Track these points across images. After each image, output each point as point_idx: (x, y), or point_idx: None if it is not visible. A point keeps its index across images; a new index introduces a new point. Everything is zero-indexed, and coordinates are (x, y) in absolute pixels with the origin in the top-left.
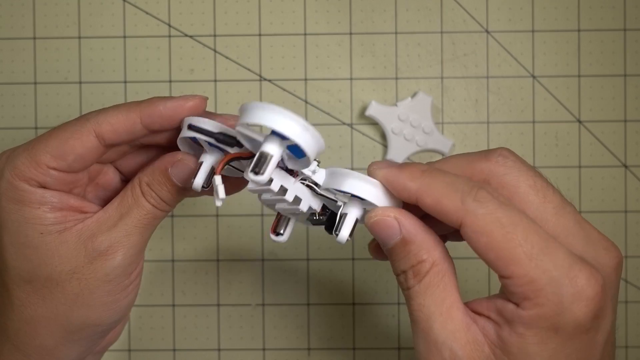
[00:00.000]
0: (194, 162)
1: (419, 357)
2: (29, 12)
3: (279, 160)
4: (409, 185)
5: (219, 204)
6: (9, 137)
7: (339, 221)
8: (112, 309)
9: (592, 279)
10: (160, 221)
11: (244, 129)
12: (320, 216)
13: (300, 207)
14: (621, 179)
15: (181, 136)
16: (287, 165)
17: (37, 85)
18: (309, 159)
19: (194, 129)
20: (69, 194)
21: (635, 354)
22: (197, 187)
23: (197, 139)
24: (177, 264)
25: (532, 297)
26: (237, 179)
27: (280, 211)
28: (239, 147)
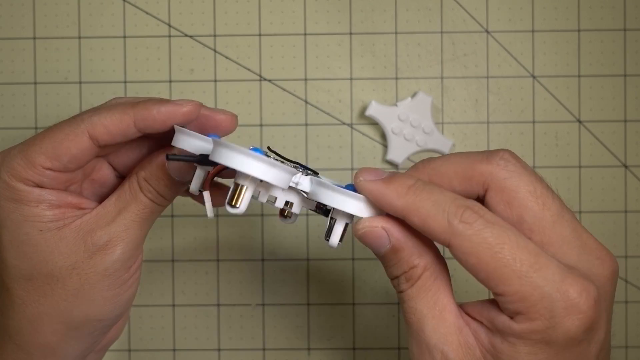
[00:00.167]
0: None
1: (413, 358)
2: (29, 12)
3: (253, 190)
4: (395, 203)
5: (211, 216)
6: (9, 137)
7: (329, 226)
8: (113, 303)
9: (585, 292)
10: (158, 215)
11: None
12: (322, 206)
13: (293, 210)
14: (621, 179)
15: (168, 157)
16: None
17: (37, 85)
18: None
19: (174, 159)
20: (66, 192)
21: (635, 354)
22: (193, 192)
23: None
24: (177, 264)
25: (525, 313)
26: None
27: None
28: None
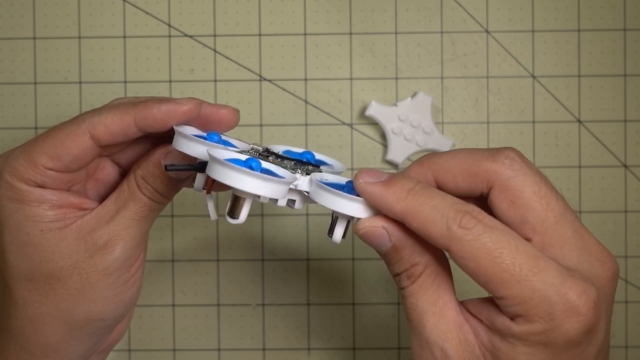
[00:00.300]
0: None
1: (413, 354)
2: (29, 12)
3: (252, 201)
4: (394, 207)
5: (214, 218)
6: (9, 137)
7: (332, 222)
8: (115, 302)
9: (584, 294)
10: (157, 213)
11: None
12: None
13: (296, 207)
14: (621, 179)
15: (165, 162)
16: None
17: (37, 85)
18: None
19: (173, 169)
20: (68, 192)
21: (635, 354)
22: (197, 190)
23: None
24: (177, 264)
25: (524, 315)
26: None
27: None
28: None
